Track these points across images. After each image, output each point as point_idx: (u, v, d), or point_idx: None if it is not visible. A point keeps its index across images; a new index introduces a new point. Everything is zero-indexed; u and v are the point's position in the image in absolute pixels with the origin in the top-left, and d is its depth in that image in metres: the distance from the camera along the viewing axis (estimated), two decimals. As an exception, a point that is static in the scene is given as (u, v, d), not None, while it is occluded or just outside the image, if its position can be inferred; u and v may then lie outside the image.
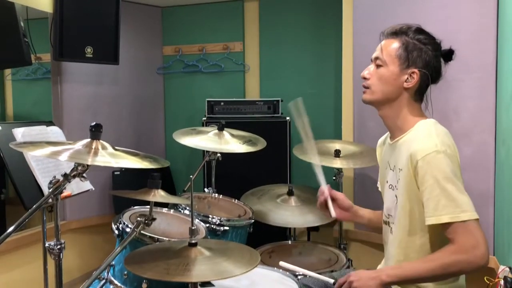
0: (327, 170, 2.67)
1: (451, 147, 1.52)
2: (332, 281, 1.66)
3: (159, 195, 1.59)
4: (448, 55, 1.63)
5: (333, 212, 1.83)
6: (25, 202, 2.37)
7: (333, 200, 1.86)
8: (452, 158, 1.48)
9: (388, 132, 1.74)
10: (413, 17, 1.94)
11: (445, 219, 1.44)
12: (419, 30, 1.61)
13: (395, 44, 1.60)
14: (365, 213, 1.92)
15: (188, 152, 3.69)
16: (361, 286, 1.50)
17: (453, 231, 1.44)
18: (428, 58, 1.58)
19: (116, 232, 1.89)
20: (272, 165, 3.20)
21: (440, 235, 1.51)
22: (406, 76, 1.59)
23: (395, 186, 1.63)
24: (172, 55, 3.93)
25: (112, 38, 3.09)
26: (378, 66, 1.63)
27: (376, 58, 1.64)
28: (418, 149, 1.50)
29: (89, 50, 2.98)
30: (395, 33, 1.62)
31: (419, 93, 1.63)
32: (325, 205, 1.85)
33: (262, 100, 3.40)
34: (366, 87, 1.66)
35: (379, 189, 1.86)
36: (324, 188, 1.86)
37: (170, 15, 3.92)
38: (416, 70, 1.58)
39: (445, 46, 1.64)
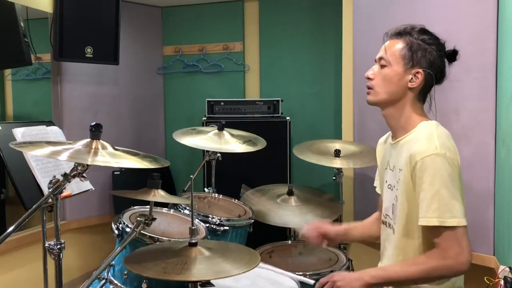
0: (327, 170, 2.69)
1: (452, 149, 1.52)
2: (312, 282, 1.68)
3: (159, 195, 1.59)
4: (452, 55, 1.63)
5: (324, 244, 1.91)
6: (25, 202, 2.37)
7: (321, 234, 1.90)
8: (451, 162, 1.48)
9: (389, 132, 1.74)
10: (413, 17, 1.94)
11: (433, 222, 1.46)
12: (423, 31, 1.61)
13: (399, 45, 1.60)
14: (356, 232, 1.94)
15: (188, 152, 3.69)
16: (344, 285, 1.52)
17: (440, 236, 1.46)
18: (432, 58, 1.58)
19: (116, 232, 1.89)
20: (272, 165, 3.20)
21: None
22: (410, 76, 1.59)
23: (395, 186, 1.63)
24: (172, 55, 3.93)
25: (112, 38, 3.09)
26: (382, 66, 1.63)
27: (380, 58, 1.63)
28: (418, 151, 1.50)
29: (89, 50, 2.98)
30: (399, 34, 1.62)
31: (423, 93, 1.63)
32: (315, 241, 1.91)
33: (262, 100, 3.40)
34: (370, 88, 1.65)
35: (376, 189, 1.86)
36: (304, 229, 1.91)
37: (170, 15, 3.93)
38: (420, 70, 1.58)
39: (446, 47, 1.64)
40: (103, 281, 1.86)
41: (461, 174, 1.54)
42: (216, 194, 2.62)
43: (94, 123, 1.50)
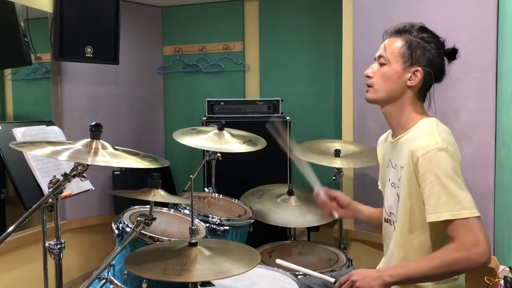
0: (327, 169, 2.69)
1: (453, 145, 1.52)
2: (332, 280, 1.66)
3: (159, 194, 1.59)
4: (452, 53, 1.63)
5: (335, 213, 1.88)
6: (25, 202, 2.37)
7: (332, 199, 1.89)
8: (453, 156, 1.48)
9: (389, 130, 1.74)
10: (413, 17, 1.94)
11: (445, 216, 1.44)
12: (423, 29, 1.61)
13: (398, 43, 1.60)
14: (364, 208, 1.93)
15: (188, 152, 3.69)
16: (364, 286, 1.50)
17: (453, 229, 1.44)
18: (431, 57, 1.58)
19: (116, 232, 1.89)
20: (272, 165, 3.20)
21: (440, 233, 1.51)
22: (409, 75, 1.59)
23: (397, 184, 1.63)
24: (172, 55, 3.93)
25: (112, 38, 3.09)
26: (381, 64, 1.63)
27: (380, 57, 1.64)
28: (419, 146, 1.50)
29: (89, 50, 2.98)
30: (399, 32, 1.62)
31: (422, 92, 1.63)
32: (327, 205, 1.89)
33: (262, 100, 3.40)
34: (369, 86, 1.65)
35: (380, 187, 1.86)
36: (319, 190, 1.90)
37: (170, 15, 3.93)
38: (419, 68, 1.58)
39: (446, 46, 1.64)
40: (103, 281, 1.86)
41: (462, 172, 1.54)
42: (216, 194, 2.62)
43: (94, 123, 1.50)
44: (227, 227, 2.20)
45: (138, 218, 1.58)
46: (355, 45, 2.97)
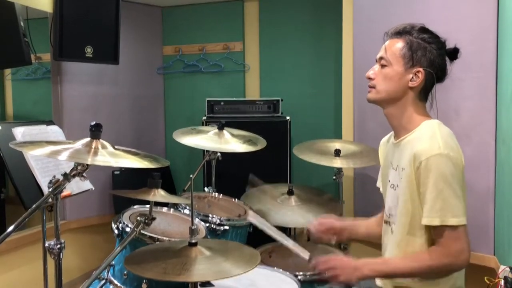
0: (327, 169, 2.69)
1: (455, 149, 1.52)
2: (307, 257, 1.66)
3: (159, 194, 1.59)
4: (453, 53, 1.63)
5: (332, 240, 1.90)
6: (25, 201, 2.37)
7: (326, 229, 1.89)
8: (454, 161, 1.49)
9: (392, 132, 1.74)
10: (413, 17, 1.94)
11: (436, 221, 1.47)
12: (423, 29, 1.61)
13: (399, 44, 1.61)
14: (361, 231, 1.93)
15: (188, 152, 3.69)
16: (343, 275, 1.54)
17: (441, 234, 1.48)
18: (432, 57, 1.58)
19: (116, 231, 1.89)
20: (272, 165, 3.20)
21: None
22: (411, 75, 1.59)
23: (397, 185, 1.63)
24: (172, 55, 3.93)
25: (112, 38, 3.09)
26: (382, 66, 1.63)
27: (381, 58, 1.64)
28: (422, 150, 1.50)
29: (89, 50, 2.98)
30: (399, 33, 1.62)
31: (424, 92, 1.63)
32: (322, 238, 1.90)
33: (262, 100, 3.40)
34: (372, 87, 1.66)
35: (380, 189, 1.86)
36: (311, 225, 1.91)
37: (170, 15, 3.93)
38: (421, 69, 1.58)
39: (446, 46, 1.64)
40: (103, 281, 1.86)
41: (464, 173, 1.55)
42: (216, 194, 2.62)
43: (94, 122, 1.50)
44: (227, 227, 2.20)
45: (138, 218, 1.58)
46: (355, 45, 2.97)
